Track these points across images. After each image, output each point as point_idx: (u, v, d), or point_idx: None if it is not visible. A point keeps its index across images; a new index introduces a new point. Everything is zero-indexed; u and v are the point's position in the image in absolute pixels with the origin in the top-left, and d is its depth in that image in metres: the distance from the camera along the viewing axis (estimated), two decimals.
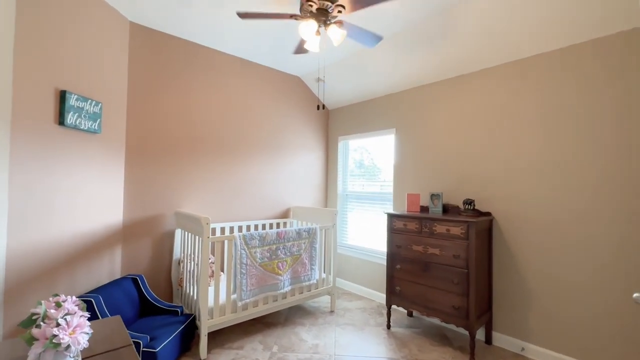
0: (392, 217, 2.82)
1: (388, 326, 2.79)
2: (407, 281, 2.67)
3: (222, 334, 2.60)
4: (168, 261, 2.84)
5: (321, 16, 2.06)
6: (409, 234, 2.68)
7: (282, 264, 2.71)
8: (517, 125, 2.49)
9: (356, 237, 3.83)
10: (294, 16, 2.10)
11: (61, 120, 2.00)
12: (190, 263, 2.56)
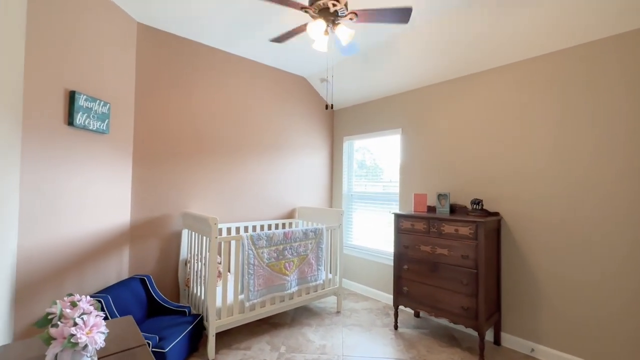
0: (400, 217, 2.81)
1: (395, 327, 2.78)
2: (414, 281, 2.66)
3: (230, 335, 2.60)
4: (175, 261, 2.84)
5: (328, 15, 2.05)
6: (417, 234, 2.67)
7: (289, 264, 2.71)
8: (525, 125, 2.48)
9: (361, 237, 3.82)
10: (304, 8, 2.02)
11: (70, 121, 2.01)
12: (197, 263, 2.56)
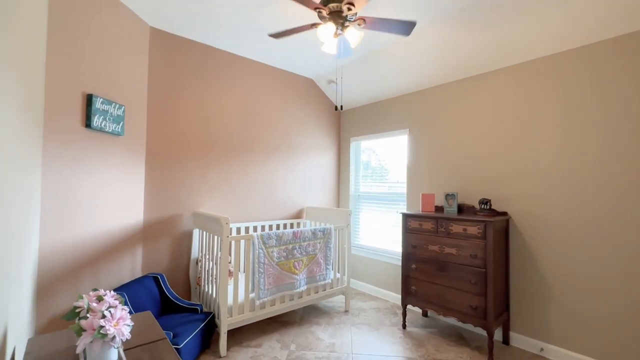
0: (407, 217, 2.83)
1: (404, 326, 2.80)
2: (423, 281, 2.68)
3: (240, 333, 2.64)
4: (186, 260, 2.89)
5: (338, 18, 2.10)
6: (425, 233, 2.69)
7: (298, 263, 2.75)
8: (533, 125, 2.49)
9: (368, 237, 3.85)
10: (315, 25, 2.14)
11: (88, 123, 2.07)
12: (208, 262, 2.61)
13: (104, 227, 2.26)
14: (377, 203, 3.78)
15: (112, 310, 0.99)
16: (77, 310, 1.05)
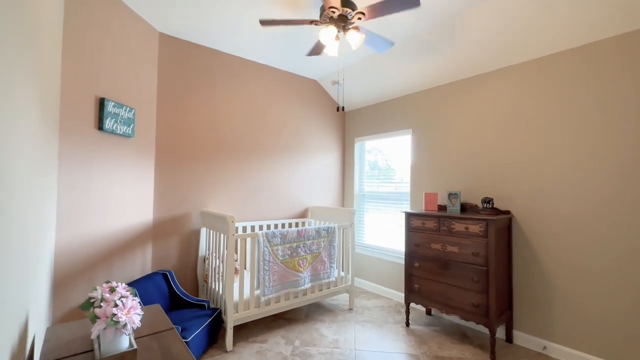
0: (410, 216, 2.86)
1: (407, 324, 2.83)
2: (425, 279, 2.71)
3: (246, 328, 2.71)
4: (194, 258, 2.98)
5: (340, 22, 2.15)
6: (428, 232, 2.71)
7: (303, 261, 2.80)
8: (536, 123, 2.49)
9: (372, 236, 3.88)
10: (314, 22, 2.19)
11: (100, 126, 2.16)
12: (215, 260, 2.69)
13: (116, 225, 2.36)
14: (381, 202, 3.82)
15: (123, 300, 1.06)
16: (92, 300, 1.12)
